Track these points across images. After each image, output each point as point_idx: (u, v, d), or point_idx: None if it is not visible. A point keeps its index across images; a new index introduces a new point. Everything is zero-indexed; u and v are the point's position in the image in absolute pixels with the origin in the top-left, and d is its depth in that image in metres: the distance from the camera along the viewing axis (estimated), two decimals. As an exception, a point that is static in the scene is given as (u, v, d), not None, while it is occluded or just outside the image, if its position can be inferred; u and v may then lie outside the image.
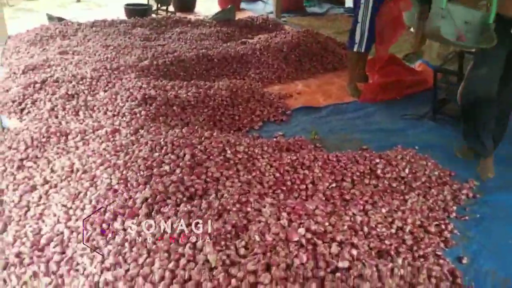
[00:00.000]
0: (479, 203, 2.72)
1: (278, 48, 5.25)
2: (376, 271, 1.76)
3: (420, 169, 2.88)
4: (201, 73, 4.80)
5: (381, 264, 1.82)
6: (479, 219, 2.58)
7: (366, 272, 1.70)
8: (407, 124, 3.92)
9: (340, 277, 1.70)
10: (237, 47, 5.32)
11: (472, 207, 2.68)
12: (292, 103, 4.35)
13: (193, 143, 2.68)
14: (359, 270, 1.72)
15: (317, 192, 2.53)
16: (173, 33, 6.18)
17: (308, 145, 3.28)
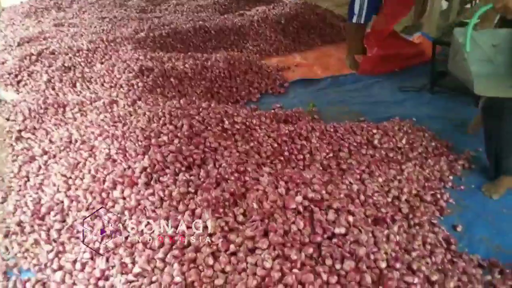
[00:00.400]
0: (475, 174, 2.74)
1: (276, 20, 5.20)
2: (372, 237, 1.79)
3: (417, 139, 2.90)
4: (198, 45, 4.77)
5: (377, 231, 1.85)
6: (474, 189, 2.61)
7: (362, 237, 1.73)
8: (405, 96, 3.92)
9: (337, 242, 1.73)
10: (235, 19, 5.26)
11: (468, 177, 2.70)
12: (290, 75, 4.33)
13: (191, 113, 2.68)
14: (355, 236, 1.75)
15: (315, 162, 2.54)
16: (169, 4, 6.11)
17: (305, 117, 3.29)
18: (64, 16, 5.44)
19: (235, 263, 1.65)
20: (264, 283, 1.53)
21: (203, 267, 1.64)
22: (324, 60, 4.81)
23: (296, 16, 5.31)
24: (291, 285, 1.53)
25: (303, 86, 4.13)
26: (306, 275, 1.56)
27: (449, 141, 3.05)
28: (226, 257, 1.67)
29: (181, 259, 1.70)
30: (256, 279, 1.54)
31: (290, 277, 1.54)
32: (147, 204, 2.02)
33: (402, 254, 1.79)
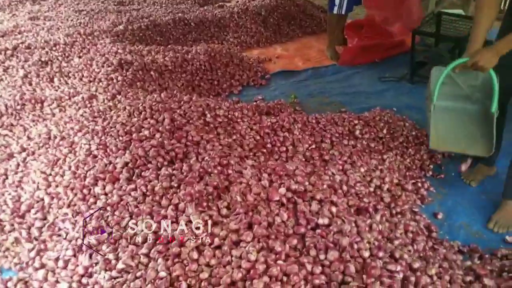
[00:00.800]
0: (455, 162, 2.78)
1: (256, 11, 5.17)
2: (355, 227, 1.81)
3: (397, 129, 2.93)
4: (178, 38, 4.72)
5: (359, 220, 1.87)
6: (454, 177, 2.66)
7: (345, 227, 1.75)
8: (385, 86, 3.96)
9: (321, 233, 1.74)
10: (215, 11, 5.22)
11: (448, 166, 2.75)
12: (271, 67, 4.33)
13: (172, 107, 2.66)
14: (339, 226, 1.77)
15: (297, 153, 2.55)
16: (148, -4, 6.01)
17: (287, 109, 3.29)
18: (40, 9, 5.31)
19: (219, 256, 1.65)
20: (249, 275, 1.53)
21: (187, 262, 1.64)
22: (305, 51, 4.81)
23: (276, 7, 5.29)
24: (276, 276, 1.53)
25: (284, 77, 4.14)
26: (291, 266, 1.57)
27: (429, 130, 3.09)
28: (210, 251, 1.66)
29: (166, 254, 1.69)
30: (241, 272, 1.55)
31: (275, 268, 1.54)
32: (130, 199, 2.00)
33: (385, 243, 1.81)
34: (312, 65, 4.41)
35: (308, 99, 3.68)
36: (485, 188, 2.53)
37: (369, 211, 2.04)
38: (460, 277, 1.80)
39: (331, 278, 1.57)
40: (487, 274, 1.84)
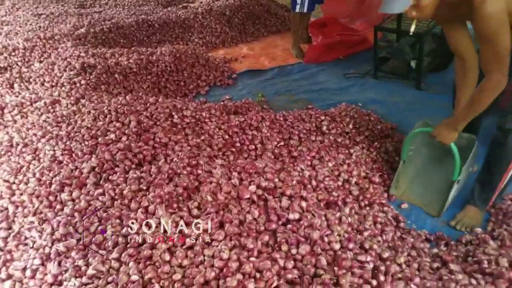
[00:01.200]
0: (419, 153, 2.86)
1: (220, 11, 5.17)
2: (325, 220, 1.84)
3: (363, 124, 2.99)
4: (142, 40, 4.67)
5: (329, 214, 1.90)
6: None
7: (316, 221, 1.77)
8: (350, 82, 4.02)
9: (292, 228, 1.76)
10: (178, 12, 5.19)
11: (412, 157, 2.82)
12: (237, 66, 4.34)
13: (138, 109, 2.63)
14: (309, 220, 1.79)
15: (266, 151, 2.57)
16: (109, -1, 5.92)
17: (255, 107, 3.31)
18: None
19: (192, 256, 1.64)
20: (223, 273, 1.53)
21: (160, 264, 1.63)
22: (271, 50, 4.85)
23: (240, 7, 5.30)
24: (249, 273, 1.54)
25: (251, 77, 4.15)
26: (263, 262, 1.57)
27: (393, 123, 3.17)
28: (182, 252, 1.65)
29: (137, 257, 1.67)
30: (214, 271, 1.54)
31: (248, 265, 1.55)
32: (98, 204, 1.96)
33: (355, 235, 1.85)
34: (278, 64, 4.45)
35: (275, 97, 3.71)
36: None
37: (338, 204, 2.08)
38: (428, 264, 1.85)
39: (304, 271, 1.59)
40: (453, 260, 1.90)
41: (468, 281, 1.69)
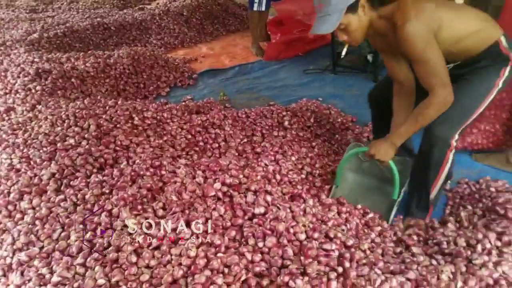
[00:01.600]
0: (379, 143, 2.94)
1: (178, 12, 5.14)
2: (290, 212, 1.86)
3: (324, 117, 3.05)
4: (99, 43, 4.58)
5: (294, 206, 1.93)
6: (379, 157, 2.80)
7: (281, 214, 1.79)
8: (310, 78, 4.09)
9: (257, 222, 1.77)
10: (135, 14, 5.12)
11: (372, 148, 2.90)
12: (197, 66, 4.33)
13: (97, 113, 2.58)
14: (274, 214, 1.81)
15: (230, 148, 2.58)
16: (62, 2, 5.79)
17: (217, 106, 3.31)
18: None
19: (159, 257, 1.63)
20: (190, 271, 1.53)
21: (126, 266, 1.61)
22: (231, 49, 4.86)
23: (198, 7, 5.29)
24: (217, 269, 1.54)
25: (212, 76, 4.15)
26: (231, 257, 1.58)
27: (353, 116, 3.25)
28: (149, 252, 1.64)
29: (103, 261, 1.64)
30: (182, 269, 1.54)
31: (216, 261, 1.55)
32: (60, 211, 1.92)
33: (320, 225, 1.88)
34: (239, 62, 4.47)
35: (237, 96, 3.73)
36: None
37: (302, 196, 2.11)
38: (391, 249, 1.91)
39: (271, 263, 1.60)
40: (414, 243, 1.96)
41: (429, 262, 1.75)
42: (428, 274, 1.63)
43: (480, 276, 1.62)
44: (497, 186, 2.36)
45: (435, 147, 1.99)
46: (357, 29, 1.90)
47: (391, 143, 2.01)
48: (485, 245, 1.78)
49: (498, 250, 1.77)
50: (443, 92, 1.83)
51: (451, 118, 1.93)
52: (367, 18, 1.90)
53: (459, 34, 1.90)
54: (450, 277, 1.62)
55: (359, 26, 1.90)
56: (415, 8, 1.80)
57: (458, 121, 1.96)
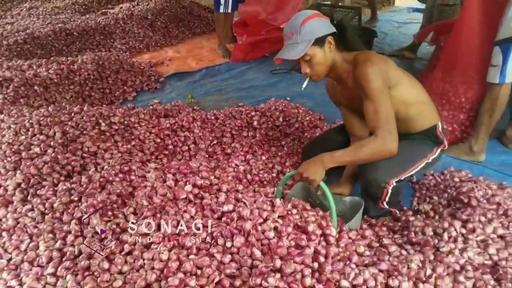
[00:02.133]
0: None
1: (142, 15, 5.09)
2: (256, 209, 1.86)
3: (292, 116, 3.08)
4: (61, 49, 4.48)
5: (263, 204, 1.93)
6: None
7: (245, 212, 1.78)
8: (277, 78, 4.13)
9: (225, 220, 1.76)
10: (98, 18, 5.04)
11: (340, 144, 2.95)
12: (164, 70, 4.30)
13: (63, 120, 2.53)
14: (241, 212, 1.80)
15: (200, 150, 2.58)
16: (21, 9, 5.63)
17: (185, 109, 3.30)
18: None
19: (131, 262, 1.62)
20: (163, 274, 1.52)
21: (98, 273, 1.58)
22: (197, 51, 4.85)
23: (162, 10, 5.25)
24: (190, 271, 1.54)
25: (179, 79, 4.13)
26: (202, 259, 1.58)
27: (321, 114, 3.30)
28: (121, 258, 1.62)
29: (74, 270, 1.62)
30: (155, 273, 1.53)
31: (188, 263, 1.55)
32: (27, 221, 1.88)
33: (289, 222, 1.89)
34: (206, 65, 4.46)
35: (205, 98, 3.72)
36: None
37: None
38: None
39: (241, 263, 1.60)
40: (385, 235, 2.01)
41: (399, 252, 1.80)
42: (399, 264, 1.68)
43: (447, 263, 1.68)
44: (460, 176, 2.45)
45: (371, 187, 2.05)
46: (320, 63, 1.97)
47: (322, 162, 1.92)
48: (451, 233, 1.84)
49: (464, 237, 1.83)
50: (386, 138, 1.85)
51: (391, 167, 1.97)
52: (331, 56, 1.98)
53: (411, 98, 2.02)
54: (420, 266, 1.67)
55: (323, 61, 1.97)
56: (379, 57, 1.90)
57: (397, 171, 2.00)
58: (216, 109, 3.25)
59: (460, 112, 2.84)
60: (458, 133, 2.87)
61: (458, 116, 2.84)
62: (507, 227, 1.94)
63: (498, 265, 1.73)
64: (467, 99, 2.82)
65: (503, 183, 2.37)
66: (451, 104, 2.86)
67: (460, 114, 2.84)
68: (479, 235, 1.84)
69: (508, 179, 2.47)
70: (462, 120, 2.84)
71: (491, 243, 1.80)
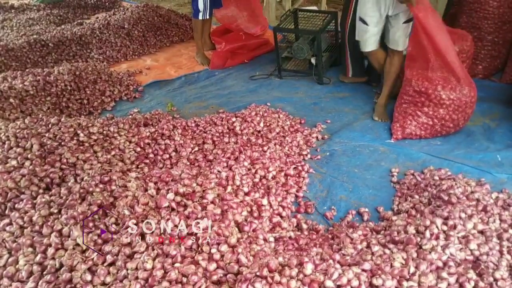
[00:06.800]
0: (328, 143, 3.02)
1: (119, 25, 5.04)
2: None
3: (273, 121, 3.09)
4: (37, 61, 4.40)
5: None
6: (329, 156, 2.88)
7: (236, 217, 1.79)
8: (257, 84, 4.13)
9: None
10: (74, 29, 4.97)
11: (322, 147, 2.97)
12: (142, 79, 4.26)
13: (40, 132, 2.49)
14: (233, 217, 1.81)
15: (181, 158, 2.56)
16: (-6, 21, 5.52)
17: (166, 117, 3.27)
18: None
19: (114, 272, 1.59)
20: (148, 284, 1.50)
21: (81, 285, 1.55)
22: (176, 59, 4.83)
23: (139, 19, 5.21)
24: (175, 279, 1.52)
25: (158, 88, 4.10)
26: (188, 266, 1.56)
27: (302, 118, 3.32)
28: (104, 269, 1.60)
29: (56, 283, 1.58)
30: (139, 282, 1.51)
31: (173, 272, 1.53)
32: (6, 235, 1.83)
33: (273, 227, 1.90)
34: (185, 72, 4.44)
35: (185, 106, 3.70)
36: (356, 162, 2.79)
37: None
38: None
39: (228, 270, 1.59)
40: (368, 235, 2.02)
41: (382, 252, 1.81)
42: (382, 263, 1.69)
43: (430, 260, 1.70)
44: (440, 175, 2.49)
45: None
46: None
47: None
48: (432, 230, 1.86)
49: (445, 234, 1.86)
50: None
51: None
52: None
53: None
54: (403, 263, 1.69)
55: None
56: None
57: None
58: (196, 116, 3.23)
59: (440, 108, 2.91)
60: (438, 127, 2.97)
61: (438, 111, 2.91)
62: (487, 222, 1.97)
63: (480, 260, 1.76)
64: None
65: (481, 180, 2.42)
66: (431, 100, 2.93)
67: (439, 109, 2.91)
68: (460, 231, 1.87)
69: (486, 176, 2.52)
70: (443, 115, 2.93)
71: (472, 238, 1.83)
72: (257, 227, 1.93)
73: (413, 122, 2.98)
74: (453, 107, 2.87)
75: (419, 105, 2.94)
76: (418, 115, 2.96)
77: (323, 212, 2.35)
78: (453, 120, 2.92)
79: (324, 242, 1.98)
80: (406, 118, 3.02)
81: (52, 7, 6.24)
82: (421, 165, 2.70)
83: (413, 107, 2.98)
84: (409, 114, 3.00)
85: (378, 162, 2.78)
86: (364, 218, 2.28)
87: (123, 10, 5.76)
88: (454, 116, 2.90)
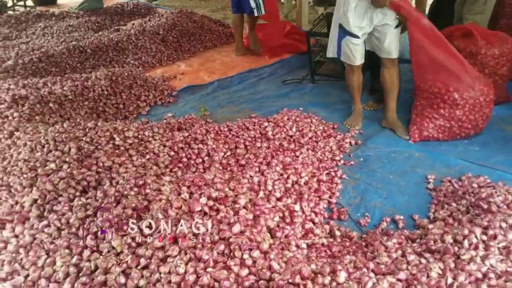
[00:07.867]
0: (361, 149, 2.97)
1: (154, 31, 5.14)
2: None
3: (306, 126, 3.07)
4: (75, 66, 4.53)
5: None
6: (362, 162, 2.83)
7: (268, 223, 1.78)
8: (289, 88, 4.12)
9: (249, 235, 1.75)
10: (111, 35, 5.10)
11: (355, 152, 2.92)
12: (177, 84, 4.32)
13: (77, 136, 2.55)
14: (265, 222, 1.80)
15: (214, 162, 2.57)
16: (36, 28, 5.73)
17: (199, 122, 3.30)
18: None
19: (148, 276, 1.61)
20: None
21: (115, 287, 1.58)
22: (209, 65, 4.87)
23: (173, 25, 5.30)
24: (207, 284, 1.52)
25: (192, 92, 4.15)
26: (220, 271, 1.56)
27: (334, 122, 3.28)
28: (138, 272, 1.61)
29: (91, 285, 1.61)
30: (172, 287, 1.52)
31: (206, 277, 1.53)
32: (44, 237, 1.88)
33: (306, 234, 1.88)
34: (218, 77, 4.48)
35: (218, 110, 3.73)
36: (391, 168, 2.73)
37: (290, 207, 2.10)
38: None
39: (260, 276, 1.58)
40: (403, 243, 1.97)
41: (418, 261, 1.76)
42: (418, 272, 1.64)
43: (469, 271, 1.63)
44: (479, 182, 2.40)
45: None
46: None
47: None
48: (471, 240, 1.79)
49: (485, 244, 1.78)
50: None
51: None
52: None
53: None
54: (440, 274, 1.63)
55: None
56: None
57: None
58: (229, 121, 3.25)
59: (456, 109, 2.88)
60: (456, 129, 2.95)
61: (455, 113, 2.89)
62: (530, 233, 1.88)
63: (523, 272, 1.68)
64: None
65: (523, 188, 2.32)
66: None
67: (456, 111, 2.88)
68: (500, 241, 1.79)
69: (529, 184, 2.42)
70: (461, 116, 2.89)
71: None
72: (289, 233, 1.91)
73: (430, 125, 2.97)
74: (468, 107, 2.84)
75: (435, 107, 2.91)
76: (435, 117, 2.94)
77: (357, 219, 2.31)
78: (471, 120, 2.89)
79: (357, 249, 1.94)
80: (423, 121, 2.99)
81: (90, 14, 6.43)
82: (458, 172, 2.61)
83: (429, 109, 2.95)
84: (426, 116, 2.97)
85: (414, 169, 2.71)
86: (399, 225, 2.22)
87: (158, 16, 5.87)
88: (471, 117, 2.87)
